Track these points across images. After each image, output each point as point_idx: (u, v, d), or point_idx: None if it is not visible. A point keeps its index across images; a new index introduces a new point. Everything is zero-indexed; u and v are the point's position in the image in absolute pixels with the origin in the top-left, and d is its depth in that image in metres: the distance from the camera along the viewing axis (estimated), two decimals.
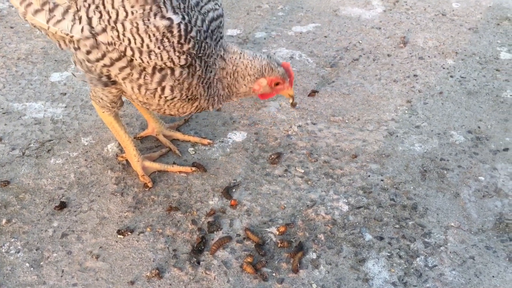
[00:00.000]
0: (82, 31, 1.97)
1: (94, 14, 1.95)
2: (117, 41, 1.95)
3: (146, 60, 1.97)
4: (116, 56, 1.99)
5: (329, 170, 2.59)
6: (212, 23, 2.08)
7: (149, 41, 1.92)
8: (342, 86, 3.21)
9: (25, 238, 2.19)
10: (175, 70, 2.03)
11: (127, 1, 1.89)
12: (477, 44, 3.64)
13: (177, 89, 2.10)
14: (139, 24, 1.90)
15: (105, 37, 1.95)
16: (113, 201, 2.37)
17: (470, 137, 2.82)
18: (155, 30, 1.91)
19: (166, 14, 1.91)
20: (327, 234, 2.26)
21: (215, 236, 2.22)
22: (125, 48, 1.95)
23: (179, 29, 1.93)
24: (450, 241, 2.24)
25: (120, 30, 1.93)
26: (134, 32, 1.92)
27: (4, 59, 3.31)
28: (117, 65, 2.03)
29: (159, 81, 2.05)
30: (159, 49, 1.94)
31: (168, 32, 1.92)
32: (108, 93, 2.19)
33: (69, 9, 1.99)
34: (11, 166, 2.52)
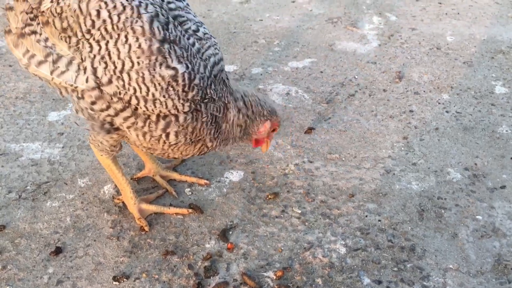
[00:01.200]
0: (87, 82, 2.00)
1: (99, 64, 1.97)
2: (122, 90, 1.98)
3: (151, 108, 2.00)
4: (120, 106, 2.02)
5: (326, 210, 2.58)
6: (214, 67, 2.13)
7: (154, 90, 1.96)
8: (339, 122, 3.23)
9: (20, 286, 2.17)
10: (179, 116, 2.06)
11: (133, 52, 1.93)
12: (472, 78, 3.68)
13: (181, 134, 2.13)
14: (145, 74, 1.94)
15: (111, 88, 1.99)
16: (109, 245, 2.35)
17: (467, 174, 2.82)
18: (160, 79, 1.95)
19: (171, 64, 1.95)
20: (324, 278, 2.24)
21: (212, 282, 2.20)
22: (130, 97, 1.99)
23: (184, 78, 1.97)
24: (449, 285, 2.22)
25: (126, 79, 1.96)
26: (140, 81, 1.95)
27: (2, 98, 3.33)
28: (122, 115, 2.05)
29: (163, 127, 2.08)
30: (164, 98, 1.98)
31: (173, 81, 1.96)
32: (109, 139, 2.21)
33: (73, 60, 2.01)
34: (7, 210, 2.52)
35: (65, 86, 2.06)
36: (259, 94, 2.35)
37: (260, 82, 3.61)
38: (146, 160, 2.68)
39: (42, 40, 2.06)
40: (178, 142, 2.15)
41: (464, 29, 4.35)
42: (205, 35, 2.17)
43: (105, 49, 1.96)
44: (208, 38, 2.17)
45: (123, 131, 2.15)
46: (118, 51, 1.94)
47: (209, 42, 2.16)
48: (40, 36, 2.06)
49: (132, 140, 2.19)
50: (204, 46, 2.13)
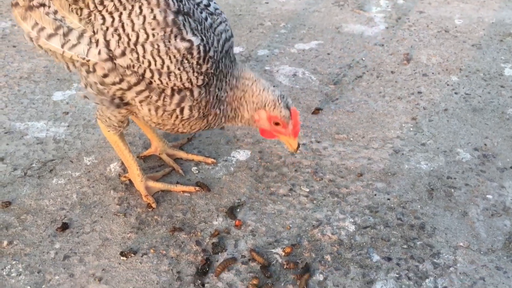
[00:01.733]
0: (100, 54, 1.96)
1: (112, 37, 1.94)
2: (136, 63, 1.95)
3: (166, 81, 1.98)
4: (134, 80, 1.99)
5: (335, 189, 2.55)
6: (225, 43, 2.11)
7: (169, 63, 1.94)
8: (346, 103, 3.19)
9: (26, 261, 2.15)
10: (193, 90, 2.04)
11: (148, 24, 1.90)
12: (481, 61, 3.63)
13: (195, 108, 2.10)
14: (160, 46, 1.91)
15: (124, 60, 1.95)
16: (116, 222, 2.33)
17: (476, 154, 2.79)
18: (176, 51, 1.93)
19: (186, 36, 1.93)
20: (334, 255, 2.22)
21: (220, 258, 2.18)
22: (145, 70, 1.96)
23: (199, 50, 1.95)
24: (460, 262, 2.19)
25: (140, 52, 1.93)
26: (155, 54, 1.92)
27: (7, 78, 3.30)
28: (135, 89, 2.02)
29: (178, 102, 2.06)
30: (179, 70, 1.96)
31: (188, 54, 1.94)
32: (117, 114, 2.17)
33: (84, 33, 1.97)
34: (12, 187, 2.49)
35: (75, 59, 2.03)
36: (261, 82, 2.21)
37: (266, 64, 3.57)
38: (153, 138, 2.65)
39: (51, 12, 2.02)
40: (191, 117, 2.12)
41: (473, 12, 4.30)
42: (216, 10, 2.15)
43: (119, 21, 1.92)
44: (219, 14, 2.15)
45: (133, 106, 2.12)
46: (132, 22, 1.91)
47: (220, 18, 2.14)
48: (49, 9, 2.03)
49: (141, 115, 2.15)
50: (216, 21, 2.11)
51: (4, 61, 3.48)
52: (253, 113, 2.21)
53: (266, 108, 2.17)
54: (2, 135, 2.82)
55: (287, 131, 2.20)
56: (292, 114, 2.17)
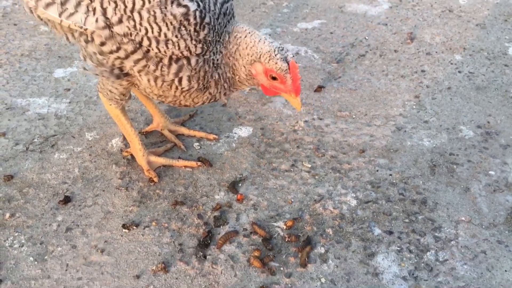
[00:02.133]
0: (97, 22, 1.94)
1: (109, 4, 1.91)
2: (134, 31, 1.92)
3: (164, 49, 1.94)
4: (131, 48, 1.96)
5: (337, 165, 2.55)
6: (223, 5, 2.04)
7: (166, 30, 1.90)
8: (349, 81, 3.18)
9: (29, 232, 2.15)
10: (191, 59, 2.00)
11: None
12: (485, 40, 3.60)
13: (194, 79, 2.06)
14: (156, 12, 1.88)
15: (121, 27, 1.92)
16: (118, 195, 2.33)
17: (479, 132, 2.78)
18: (172, 18, 1.89)
19: (183, 1, 1.89)
20: (335, 228, 2.22)
21: (222, 231, 2.19)
22: (142, 38, 1.92)
23: (195, 16, 1.90)
24: (461, 236, 2.19)
25: (137, 19, 1.90)
26: (151, 21, 1.89)
27: (8, 56, 3.29)
28: (132, 58, 1.99)
29: (176, 72, 2.02)
30: (176, 38, 1.92)
31: (185, 20, 1.90)
32: (118, 86, 2.16)
33: (82, 2, 1.95)
34: (14, 161, 2.49)
35: (73, 29, 2.01)
36: (256, 34, 2.07)
37: None
38: (155, 114, 2.64)
39: None
40: (191, 88, 2.10)
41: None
42: None
43: None
44: None
45: (133, 76, 2.10)
46: None
47: None
48: None
49: (143, 86, 2.14)
50: None
51: (5, 39, 3.46)
52: (250, 67, 2.08)
53: (261, 60, 2.03)
54: (4, 111, 2.81)
55: (286, 87, 2.07)
56: (291, 67, 2.03)
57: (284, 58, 2.03)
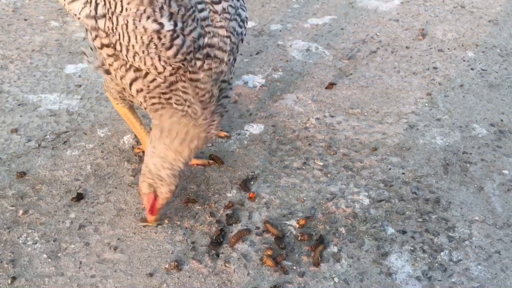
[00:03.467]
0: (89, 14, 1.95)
1: (100, 1, 1.91)
2: (111, 32, 1.88)
3: (131, 60, 1.87)
4: (106, 42, 1.92)
5: (349, 163, 2.53)
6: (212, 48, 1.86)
7: (135, 42, 1.81)
8: (360, 78, 3.16)
9: (42, 229, 2.16)
10: (148, 74, 1.89)
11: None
12: (498, 37, 3.57)
13: (141, 95, 1.96)
14: (129, 22, 1.80)
15: (102, 23, 1.89)
16: (130, 192, 2.33)
17: (492, 130, 2.75)
18: (143, 31, 1.79)
19: (159, 19, 1.78)
20: (348, 227, 2.21)
21: (234, 229, 2.18)
22: (116, 41, 1.88)
23: (166, 35, 1.78)
24: (475, 236, 2.18)
25: (114, 23, 1.86)
26: (124, 29, 1.82)
27: (19, 51, 3.29)
28: (106, 51, 1.95)
29: (132, 79, 1.94)
30: (143, 53, 1.82)
31: (156, 38, 1.79)
32: (115, 85, 2.14)
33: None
34: (27, 158, 2.50)
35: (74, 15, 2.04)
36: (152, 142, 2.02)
37: (279, 39, 3.53)
38: None
39: None
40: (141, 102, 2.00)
41: None
42: (224, 13, 1.87)
43: None
44: (227, 19, 1.87)
45: None
46: None
47: (224, 22, 1.87)
48: None
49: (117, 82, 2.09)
50: (216, 21, 1.86)
51: (16, 34, 3.46)
52: None
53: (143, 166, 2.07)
54: (16, 107, 2.82)
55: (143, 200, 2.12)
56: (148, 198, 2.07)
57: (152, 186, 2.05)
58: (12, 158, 2.49)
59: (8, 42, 3.36)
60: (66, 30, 3.52)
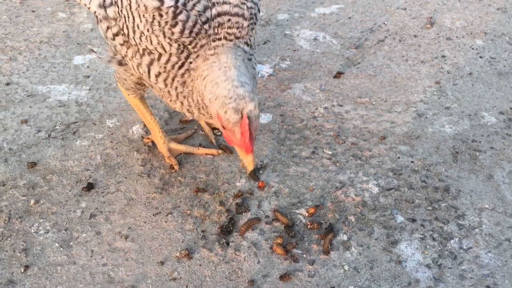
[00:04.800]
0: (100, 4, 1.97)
1: None
2: (118, 16, 1.89)
3: (138, 41, 1.85)
4: (116, 30, 1.93)
5: (358, 152, 2.53)
6: (222, 16, 1.80)
7: (139, 21, 1.80)
8: (368, 67, 3.15)
9: (53, 219, 2.18)
10: (162, 56, 1.84)
11: None
12: (506, 25, 3.54)
13: (161, 78, 1.89)
14: (131, 1, 1.80)
15: (111, 11, 1.91)
16: (140, 182, 2.35)
17: (502, 118, 2.74)
18: (144, 10, 1.77)
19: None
20: (357, 215, 2.22)
21: (244, 218, 2.19)
22: (123, 25, 1.87)
23: (167, 12, 1.74)
24: (485, 223, 2.18)
25: (119, 5, 1.87)
26: (128, 9, 1.82)
27: (27, 43, 3.30)
28: (118, 40, 1.96)
29: (147, 64, 1.89)
30: (148, 32, 1.79)
31: (158, 15, 1.75)
32: (129, 75, 2.15)
33: None
34: (37, 148, 2.52)
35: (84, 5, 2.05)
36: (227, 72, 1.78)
37: (286, 28, 3.52)
38: None
39: None
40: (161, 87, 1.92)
41: None
42: None
43: None
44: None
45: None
46: None
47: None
48: None
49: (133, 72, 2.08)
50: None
51: (24, 25, 3.47)
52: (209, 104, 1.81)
53: (215, 103, 1.77)
54: (25, 98, 2.83)
55: (235, 139, 1.78)
56: (242, 122, 1.72)
57: (238, 109, 1.72)
58: (22, 149, 2.51)
59: (17, 34, 3.37)
60: (73, 21, 3.52)
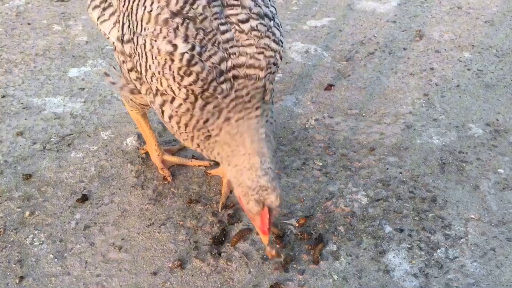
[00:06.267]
0: (118, 33, 1.99)
1: (126, 21, 1.92)
2: (133, 53, 1.90)
3: (149, 81, 1.87)
4: (130, 66, 1.97)
5: (347, 163, 2.59)
6: (237, 69, 1.77)
7: (151, 62, 1.80)
8: (358, 79, 3.21)
9: (48, 230, 2.22)
10: (175, 99, 1.84)
11: (144, 17, 1.80)
12: (494, 37, 3.62)
13: (174, 120, 1.90)
14: (146, 42, 1.79)
15: (127, 47, 1.92)
16: (133, 193, 2.39)
17: (488, 129, 2.81)
18: (157, 52, 1.77)
19: (174, 40, 1.74)
20: (346, 226, 2.27)
21: (236, 228, 2.24)
22: (136, 62, 1.89)
23: (181, 58, 1.73)
24: (471, 233, 2.24)
25: (135, 42, 1.86)
26: (142, 48, 1.82)
27: (23, 55, 3.35)
28: (131, 75, 2.00)
29: (160, 104, 1.90)
30: (159, 74, 1.79)
31: (169, 59, 1.75)
32: (139, 97, 2.18)
33: (116, 12, 2.01)
34: (32, 160, 2.56)
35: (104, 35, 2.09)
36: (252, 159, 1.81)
37: None
38: None
39: None
40: (175, 128, 1.94)
41: None
42: (253, 31, 1.77)
43: (131, 7, 1.89)
44: (257, 36, 1.78)
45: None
46: (137, 11, 1.84)
47: (253, 40, 1.77)
48: None
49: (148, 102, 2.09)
50: (242, 40, 1.77)
51: (19, 38, 3.52)
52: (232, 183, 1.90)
53: (239, 189, 1.84)
54: (20, 110, 2.88)
55: (255, 224, 1.88)
56: (262, 215, 1.81)
57: (259, 200, 1.79)
58: (18, 161, 2.54)
59: (12, 46, 3.42)
60: (69, 34, 3.58)
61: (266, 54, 1.80)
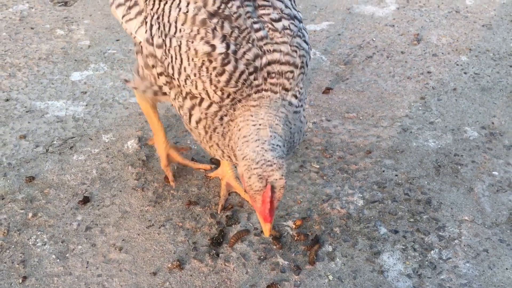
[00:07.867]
0: (145, 33, 1.97)
1: (155, 23, 1.92)
2: (164, 55, 1.87)
3: (183, 83, 1.84)
4: (160, 70, 1.94)
5: (344, 166, 2.63)
6: (272, 65, 1.76)
7: (187, 64, 1.78)
8: (356, 83, 3.26)
9: (50, 231, 2.27)
10: (203, 101, 1.82)
11: (180, 18, 1.79)
12: (491, 41, 3.66)
13: (201, 124, 1.87)
14: (182, 43, 1.78)
15: (159, 51, 1.89)
16: (134, 195, 2.44)
17: (484, 132, 2.85)
18: (193, 54, 1.75)
19: (212, 40, 1.73)
20: (342, 227, 2.31)
21: (234, 230, 2.29)
22: (168, 64, 1.86)
23: (216, 58, 1.72)
24: (464, 235, 2.28)
25: (167, 44, 1.84)
26: (177, 50, 1.80)
27: (26, 59, 3.41)
28: (161, 80, 1.98)
29: (189, 107, 1.87)
30: (195, 76, 1.78)
31: (207, 61, 1.74)
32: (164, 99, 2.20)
33: (142, 12, 2.01)
34: (35, 163, 2.61)
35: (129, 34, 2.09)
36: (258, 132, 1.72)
37: None
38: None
39: None
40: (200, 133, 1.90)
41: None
42: (285, 30, 1.78)
43: (162, 9, 1.89)
44: (290, 35, 1.78)
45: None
46: (170, 13, 1.83)
47: (286, 38, 1.77)
48: None
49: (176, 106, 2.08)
50: (276, 38, 1.77)
51: (23, 42, 3.58)
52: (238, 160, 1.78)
53: (241, 164, 1.73)
54: (23, 113, 2.93)
55: (255, 205, 1.74)
56: (264, 194, 1.68)
57: (262, 176, 1.67)
58: (21, 163, 2.60)
59: (16, 51, 3.48)
60: (71, 38, 3.64)
61: (299, 53, 1.80)
